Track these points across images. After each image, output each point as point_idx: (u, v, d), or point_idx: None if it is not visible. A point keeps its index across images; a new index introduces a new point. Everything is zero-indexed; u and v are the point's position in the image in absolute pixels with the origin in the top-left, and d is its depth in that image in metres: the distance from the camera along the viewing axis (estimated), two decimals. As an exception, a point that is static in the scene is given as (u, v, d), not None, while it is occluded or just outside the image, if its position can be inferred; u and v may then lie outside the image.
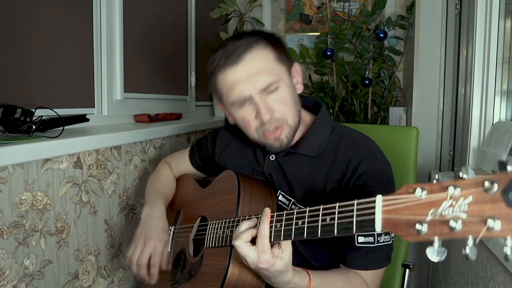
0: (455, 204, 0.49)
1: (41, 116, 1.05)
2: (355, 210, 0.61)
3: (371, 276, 0.89)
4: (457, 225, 0.47)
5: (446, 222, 0.48)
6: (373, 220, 0.57)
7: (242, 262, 0.86)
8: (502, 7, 1.35)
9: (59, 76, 1.20)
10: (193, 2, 1.99)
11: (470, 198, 0.48)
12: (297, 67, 0.99)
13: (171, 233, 1.14)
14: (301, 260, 0.96)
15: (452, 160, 1.89)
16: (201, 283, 0.94)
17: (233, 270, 0.85)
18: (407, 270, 1.20)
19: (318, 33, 2.24)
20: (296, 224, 0.71)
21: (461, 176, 0.50)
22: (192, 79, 2.02)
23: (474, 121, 1.43)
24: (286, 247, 0.74)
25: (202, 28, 2.10)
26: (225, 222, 0.90)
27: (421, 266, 1.83)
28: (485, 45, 1.38)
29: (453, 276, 1.33)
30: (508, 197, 0.44)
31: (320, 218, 0.66)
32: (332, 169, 0.93)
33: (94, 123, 1.33)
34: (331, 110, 2.10)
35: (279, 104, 0.90)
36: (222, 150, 1.15)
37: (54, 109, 1.08)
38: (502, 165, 0.45)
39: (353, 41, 2.08)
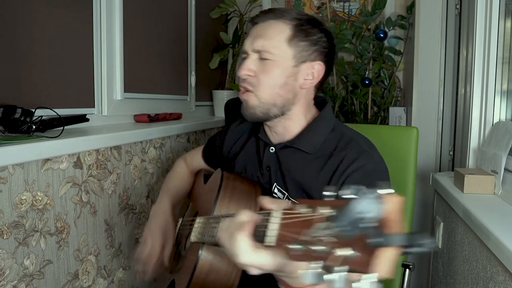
0: (327, 227, 0.44)
1: (41, 116, 1.05)
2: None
3: None
4: (318, 249, 0.43)
5: (314, 243, 0.44)
6: (263, 232, 0.56)
7: (212, 259, 0.89)
8: (502, 7, 1.35)
9: (59, 76, 1.20)
10: (193, 2, 1.99)
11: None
12: (318, 68, 0.96)
13: (179, 224, 1.17)
14: None
15: (452, 160, 1.90)
16: (182, 276, 0.98)
17: (202, 268, 0.87)
18: (407, 270, 1.20)
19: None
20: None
21: (329, 194, 0.46)
22: (192, 79, 2.02)
23: (474, 121, 1.43)
24: None
25: (202, 28, 2.10)
26: (201, 219, 0.93)
27: (421, 266, 1.83)
28: (485, 45, 1.38)
29: (453, 276, 1.33)
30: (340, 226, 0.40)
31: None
32: (324, 167, 0.93)
33: (94, 123, 1.33)
34: (331, 110, 2.10)
35: (261, 73, 0.94)
36: (231, 147, 1.16)
37: (54, 109, 1.08)
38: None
39: (353, 41, 2.08)
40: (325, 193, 0.47)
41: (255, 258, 0.58)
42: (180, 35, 1.93)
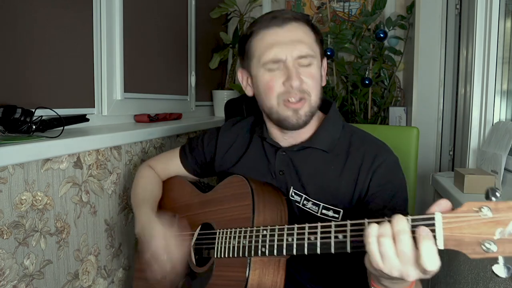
0: None
1: (41, 116, 1.05)
2: (410, 226, 0.60)
3: None
4: None
5: None
6: (433, 237, 0.57)
7: (260, 273, 0.84)
8: (502, 7, 1.35)
9: (59, 76, 1.20)
10: (193, 2, 1.99)
11: None
12: (325, 63, 1.00)
13: None
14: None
15: (452, 160, 1.89)
16: None
17: (252, 282, 0.83)
18: (407, 270, 1.20)
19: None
20: (336, 237, 0.69)
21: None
22: (192, 79, 2.02)
23: (474, 121, 1.43)
24: None
25: (202, 28, 2.10)
26: (240, 231, 0.86)
27: (421, 266, 1.82)
28: (485, 45, 1.38)
29: (453, 276, 1.33)
30: None
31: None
32: (346, 164, 0.94)
33: (94, 123, 1.33)
34: (331, 110, 2.10)
35: (309, 78, 0.91)
36: (226, 152, 1.10)
37: (54, 109, 1.08)
38: None
39: (353, 41, 2.09)
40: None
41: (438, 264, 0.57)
42: (180, 35, 1.92)
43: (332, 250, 0.69)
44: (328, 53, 2.02)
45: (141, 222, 1.05)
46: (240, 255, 0.85)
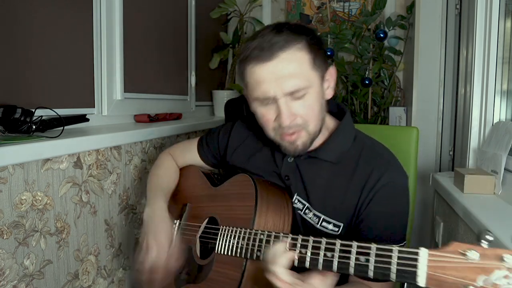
0: (511, 276, 0.49)
1: (41, 116, 1.05)
2: (395, 258, 0.60)
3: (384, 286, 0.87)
4: None
5: None
6: (415, 273, 0.57)
7: (255, 277, 0.84)
8: (502, 7, 1.35)
9: (59, 76, 1.20)
10: (193, 2, 1.99)
11: None
12: (332, 71, 0.93)
13: (176, 227, 1.10)
14: None
15: (452, 160, 1.89)
16: None
17: (246, 284, 0.83)
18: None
19: (318, 33, 2.24)
20: (325, 255, 0.70)
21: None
22: (192, 79, 2.02)
23: (474, 121, 1.43)
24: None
25: (202, 28, 2.10)
26: (240, 231, 0.88)
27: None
28: (485, 45, 1.38)
29: (453, 276, 1.33)
30: None
31: (354, 256, 0.66)
32: (353, 179, 0.91)
33: (94, 123, 1.33)
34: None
35: (303, 110, 0.86)
36: (236, 148, 1.10)
37: (54, 109, 1.08)
38: None
39: (353, 41, 2.09)
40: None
41: None
42: (180, 35, 1.92)
43: (335, 268, 0.69)
44: (328, 53, 2.02)
45: (149, 209, 1.07)
46: (238, 255, 0.86)
